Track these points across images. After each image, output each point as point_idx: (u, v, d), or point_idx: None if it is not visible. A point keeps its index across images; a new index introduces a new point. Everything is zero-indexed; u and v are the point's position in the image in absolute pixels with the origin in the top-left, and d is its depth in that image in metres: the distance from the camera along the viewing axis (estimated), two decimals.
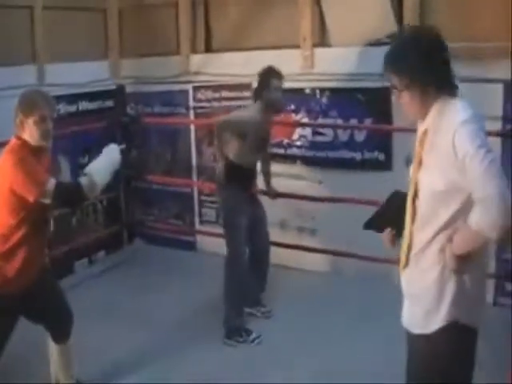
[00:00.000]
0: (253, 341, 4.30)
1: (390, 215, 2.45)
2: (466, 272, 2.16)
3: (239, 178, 4.40)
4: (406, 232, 2.29)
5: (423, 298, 2.25)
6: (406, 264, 2.30)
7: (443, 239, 2.17)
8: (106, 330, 4.43)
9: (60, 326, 3.53)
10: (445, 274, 2.18)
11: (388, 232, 2.45)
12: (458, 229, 2.12)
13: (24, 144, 3.10)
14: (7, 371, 3.69)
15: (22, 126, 3.09)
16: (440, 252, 2.18)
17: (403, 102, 2.25)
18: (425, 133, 2.22)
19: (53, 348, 3.57)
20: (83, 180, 3.14)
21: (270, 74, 4.30)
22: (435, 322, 2.22)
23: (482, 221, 1.99)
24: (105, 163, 3.27)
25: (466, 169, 2.02)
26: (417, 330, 2.30)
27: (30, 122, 3.06)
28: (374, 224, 2.51)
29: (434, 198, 2.16)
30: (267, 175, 4.84)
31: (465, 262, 2.14)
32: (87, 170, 3.18)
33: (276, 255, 4.87)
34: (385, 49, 2.35)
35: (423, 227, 2.22)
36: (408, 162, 2.54)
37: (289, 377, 3.82)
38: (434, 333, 2.23)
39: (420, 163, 2.22)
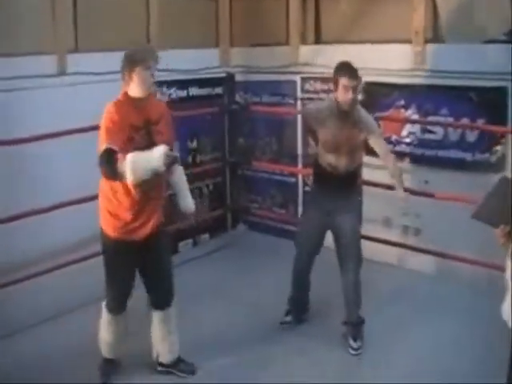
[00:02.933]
0: (282, 323, 4.42)
1: (504, 206, 2.28)
2: None
3: (318, 175, 4.29)
4: None
5: None
6: None
7: None
8: (205, 311, 4.62)
9: (163, 288, 3.72)
10: None
11: (502, 228, 2.31)
12: None
13: (124, 96, 3.38)
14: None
15: (128, 79, 3.35)
16: None
17: None
18: None
19: (154, 319, 3.75)
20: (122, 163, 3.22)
21: (339, 71, 3.98)
22: None
23: None
24: (144, 158, 3.25)
25: None
26: None
27: (137, 71, 3.31)
28: (485, 215, 2.33)
29: None
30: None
31: None
32: (129, 156, 3.22)
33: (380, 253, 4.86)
34: (500, 47, 2.24)
35: None
36: None
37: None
38: None
39: None
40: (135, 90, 3.37)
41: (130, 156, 3.18)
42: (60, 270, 4.47)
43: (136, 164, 3.17)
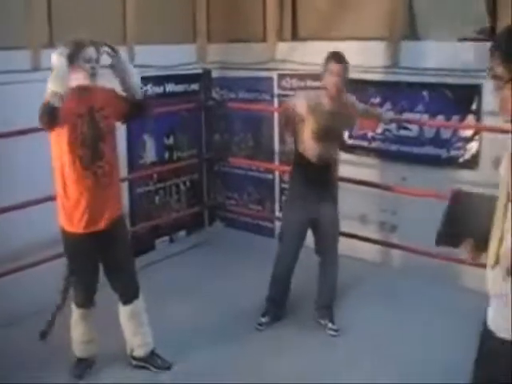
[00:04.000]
0: (259, 324, 4.40)
1: (464, 224, 2.22)
2: None
3: (301, 168, 4.31)
4: (496, 230, 2.12)
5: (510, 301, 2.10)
6: (497, 262, 2.12)
7: None
8: (182, 308, 4.61)
9: (126, 282, 3.72)
10: None
11: (465, 245, 2.26)
12: None
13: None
14: None
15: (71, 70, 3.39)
16: None
17: (503, 97, 2.06)
18: None
19: (123, 314, 3.75)
20: None
21: (327, 59, 4.16)
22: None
23: None
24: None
25: None
26: (502, 334, 2.14)
27: (78, 63, 3.39)
28: (444, 239, 2.27)
29: None
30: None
31: None
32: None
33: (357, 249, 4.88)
34: (475, 45, 2.23)
35: None
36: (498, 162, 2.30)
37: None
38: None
39: None
40: (77, 80, 3.42)
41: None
42: (42, 265, 4.45)
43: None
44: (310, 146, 4.19)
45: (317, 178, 4.23)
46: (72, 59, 3.36)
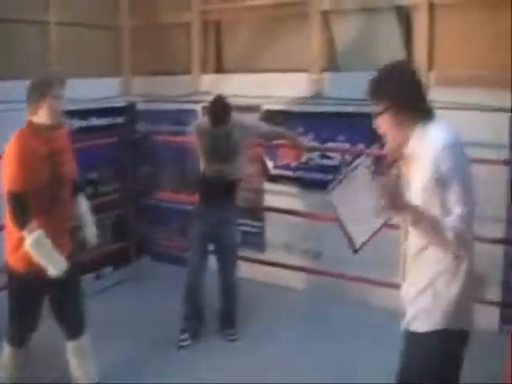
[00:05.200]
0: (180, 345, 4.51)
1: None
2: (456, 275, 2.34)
3: (203, 187, 4.57)
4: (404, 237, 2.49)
5: (419, 300, 2.42)
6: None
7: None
8: (103, 344, 4.43)
9: (75, 319, 3.60)
10: (438, 280, 2.35)
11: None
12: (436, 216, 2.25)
13: (29, 126, 3.26)
14: None
15: (35, 108, 3.24)
16: (433, 262, 2.35)
17: (382, 127, 2.43)
18: (409, 157, 2.40)
19: (69, 349, 3.64)
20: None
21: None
22: (428, 325, 2.39)
23: (456, 229, 2.18)
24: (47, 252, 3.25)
25: (446, 185, 2.23)
26: (411, 327, 2.46)
27: (46, 100, 3.21)
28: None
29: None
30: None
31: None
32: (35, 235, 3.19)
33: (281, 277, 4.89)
34: None
35: (415, 235, 2.38)
36: None
37: None
38: (425, 333, 2.40)
39: (407, 185, 2.39)
40: (43, 119, 3.26)
41: (36, 236, 3.14)
42: None
43: (38, 247, 3.15)
44: (204, 166, 4.49)
45: (216, 199, 4.47)
46: (41, 95, 3.23)
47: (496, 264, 4.61)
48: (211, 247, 4.65)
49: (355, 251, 2.43)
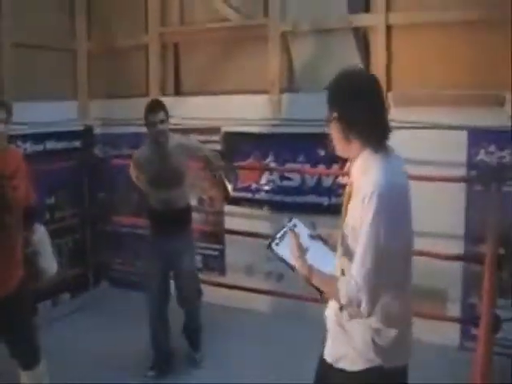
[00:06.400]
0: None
1: None
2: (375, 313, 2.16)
3: (152, 218, 4.45)
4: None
5: (343, 336, 2.29)
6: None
7: None
8: (61, 372, 4.28)
9: (28, 350, 3.46)
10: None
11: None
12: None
13: None
14: None
15: None
16: None
17: (332, 135, 2.32)
18: (350, 185, 2.27)
19: (23, 379, 3.50)
20: None
21: (146, 110, 4.32)
22: (358, 363, 2.23)
23: (344, 291, 2.10)
24: None
25: (358, 234, 2.11)
26: (339, 364, 2.31)
27: None
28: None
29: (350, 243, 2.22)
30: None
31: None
32: None
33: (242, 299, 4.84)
34: None
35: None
36: None
37: None
38: (356, 372, 2.24)
39: (345, 214, 2.25)
40: None
41: None
42: None
43: None
44: (150, 198, 4.38)
45: (167, 228, 4.32)
46: None
47: (455, 280, 4.66)
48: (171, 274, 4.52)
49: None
